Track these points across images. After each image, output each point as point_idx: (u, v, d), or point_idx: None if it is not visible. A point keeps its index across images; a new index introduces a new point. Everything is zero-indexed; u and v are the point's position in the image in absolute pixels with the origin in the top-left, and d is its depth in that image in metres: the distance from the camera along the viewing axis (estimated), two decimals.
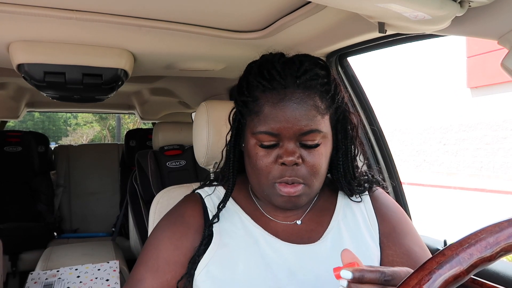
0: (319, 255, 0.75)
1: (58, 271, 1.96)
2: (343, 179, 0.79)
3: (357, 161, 0.83)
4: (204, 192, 0.86)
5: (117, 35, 1.12)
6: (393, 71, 11.60)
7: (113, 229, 2.92)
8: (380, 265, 0.76)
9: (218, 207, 0.80)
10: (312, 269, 0.73)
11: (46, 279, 1.89)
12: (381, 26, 0.78)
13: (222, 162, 0.89)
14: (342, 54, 1.32)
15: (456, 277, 0.40)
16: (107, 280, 1.90)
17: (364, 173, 0.86)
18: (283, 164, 0.69)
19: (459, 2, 0.68)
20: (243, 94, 0.73)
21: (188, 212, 0.81)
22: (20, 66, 1.17)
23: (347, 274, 0.52)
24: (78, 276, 1.92)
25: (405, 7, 0.64)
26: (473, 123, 9.79)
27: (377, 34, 1.03)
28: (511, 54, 0.72)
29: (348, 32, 1.08)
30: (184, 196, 0.88)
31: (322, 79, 0.71)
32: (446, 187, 9.27)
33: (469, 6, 0.69)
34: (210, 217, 0.79)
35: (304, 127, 0.68)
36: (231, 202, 0.83)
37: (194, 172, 2.21)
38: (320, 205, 0.82)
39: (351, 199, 0.83)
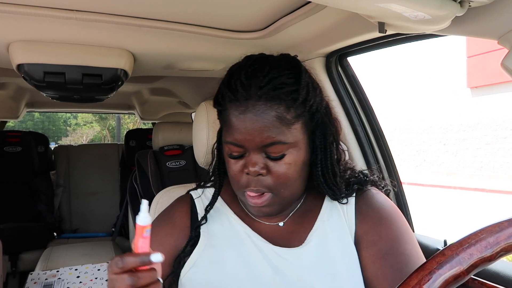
0: (302, 258, 0.74)
1: (58, 271, 1.96)
2: (324, 185, 0.77)
3: (354, 162, 0.82)
4: (196, 193, 0.87)
5: (117, 35, 1.12)
6: (393, 71, 11.60)
7: (113, 229, 2.92)
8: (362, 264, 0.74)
9: (205, 209, 0.81)
10: (295, 271, 0.73)
11: (46, 279, 1.89)
12: (381, 26, 0.78)
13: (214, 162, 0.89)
14: (342, 54, 1.32)
15: (456, 277, 0.40)
16: (107, 280, 1.89)
17: (357, 174, 0.84)
18: (248, 174, 0.70)
19: (459, 2, 0.68)
20: (218, 102, 0.74)
21: (176, 212, 0.84)
22: (20, 66, 1.16)
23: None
24: (78, 276, 1.92)
25: (405, 7, 0.64)
26: (473, 123, 9.79)
27: (377, 34, 1.03)
28: (511, 54, 0.72)
29: (348, 32, 1.08)
30: (178, 197, 0.90)
31: (289, 87, 0.68)
32: (446, 187, 9.27)
33: (469, 6, 0.69)
34: (199, 218, 0.81)
35: (266, 139, 0.67)
36: (220, 203, 0.84)
37: (194, 172, 2.21)
38: (305, 208, 0.81)
39: (340, 202, 0.80)
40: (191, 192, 0.89)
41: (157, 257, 0.56)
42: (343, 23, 1.03)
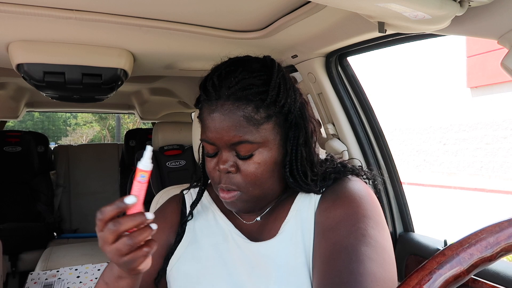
0: (277, 248, 0.75)
1: (58, 271, 1.96)
2: (294, 184, 0.76)
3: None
4: (186, 192, 0.91)
5: (117, 35, 1.12)
6: (393, 71, 11.60)
7: None
8: (312, 258, 0.71)
9: (191, 206, 0.85)
10: (272, 263, 0.74)
11: (46, 279, 1.89)
12: (381, 26, 0.78)
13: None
14: (342, 54, 1.32)
15: (456, 277, 0.40)
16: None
17: (335, 165, 0.81)
18: (219, 171, 0.73)
19: (459, 2, 0.68)
20: (196, 101, 0.77)
21: (168, 209, 0.88)
22: (19, 66, 1.16)
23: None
24: (78, 276, 1.92)
25: (405, 7, 0.64)
26: (473, 123, 9.79)
27: (377, 34, 1.03)
28: (511, 54, 0.72)
29: (348, 32, 1.08)
30: (172, 196, 0.94)
31: (258, 88, 0.69)
32: (446, 187, 9.27)
33: (469, 5, 0.69)
34: (187, 212, 0.85)
35: (233, 138, 0.69)
36: (207, 200, 0.88)
37: (194, 172, 2.21)
38: (281, 202, 0.81)
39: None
40: (184, 191, 0.92)
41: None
42: (343, 23, 1.03)
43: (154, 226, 0.62)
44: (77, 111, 6.85)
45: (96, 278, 1.91)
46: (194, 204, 0.85)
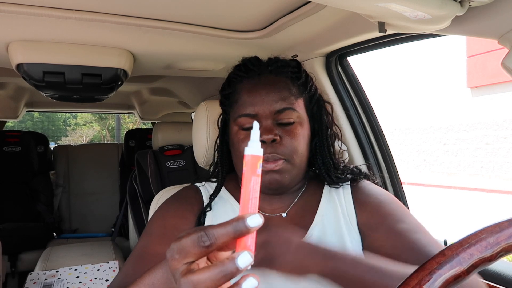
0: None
1: (57, 271, 1.96)
2: (322, 167, 0.83)
3: (354, 162, 0.85)
4: (200, 184, 0.92)
5: (117, 34, 1.12)
6: (393, 71, 11.60)
7: (113, 229, 2.92)
8: (368, 250, 0.76)
9: (210, 197, 0.85)
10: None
11: (46, 279, 1.89)
12: (381, 26, 0.78)
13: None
14: (342, 54, 1.32)
15: (456, 277, 0.40)
16: (107, 280, 1.89)
17: (349, 167, 0.88)
18: (262, 141, 0.73)
19: (459, 2, 0.67)
20: (224, 89, 0.85)
21: (189, 195, 0.87)
22: (19, 66, 1.16)
23: None
24: (78, 277, 1.92)
25: (405, 7, 0.64)
26: (473, 123, 9.79)
27: (377, 34, 1.03)
28: (511, 54, 0.72)
29: (348, 32, 1.08)
30: (183, 187, 0.93)
31: (292, 68, 0.81)
32: (446, 187, 9.27)
33: (470, 5, 0.69)
34: (204, 205, 0.85)
35: (279, 105, 0.76)
36: (224, 192, 0.88)
37: (194, 172, 2.21)
38: (306, 198, 0.84)
39: (334, 187, 0.85)
40: (196, 184, 0.92)
41: (255, 220, 0.39)
42: (343, 23, 1.03)
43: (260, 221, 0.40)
44: (77, 111, 6.85)
45: (95, 278, 1.91)
46: (213, 195, 0.84)
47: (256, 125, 0.44)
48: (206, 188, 0.90)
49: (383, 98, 11.26)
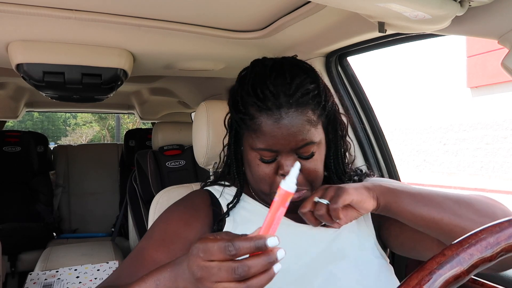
0: (324, 238, 0.80)
1: (57, 271, 1.96)
2: (334, 175, 0.85)
3: (354, 162, 0.86)
4: (214, 189, 0.90)
5: (117, 34, 1.12)
6: (393, 71, 11.60)
7: (113, 229, 2.92)
8: (389, 246, 0.83)
9: (227, 206, 0.84)
10: (319, 251, 0.79)
11: (45, 279, 1.88)
12: (381, 26, 0.78)
13: (221, 164, 0.93)
14: (342, 54, 1.32)
15: (456, 277, 0.40)
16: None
17: (354, 170, 0.93)
18: (282, 175, 0.74)
19: (459, 2, 0.67)
20: (239, 110, 0.77)
21: (197, 201, 0.87)
22: (19, 66, 1.16)
23: None
24: (78, 277, 1.92)
25: (405, 7, 0.64)
26: (473, 122, 9.79)
27: (377, 34, 1.03)
28: (511, 54, 0.72)
29: (348, 32, 1.08)
30: (193, 191, 0.93)
31: (313, 92, 0.75)
32: (446, 187, 9.27)
33: (469, 5, 0.69)
34: (221, 206, 0.85)
35: (300, 142, 0.73)
36: (242, 196, 0.89)
37: (193, 172, 2.21)
38: None
39: None
40: (207, 188, 0.92)
41: (273, 241, 0.48)
42: (343, 23, 1.03)
43: (276, 242, 0.49)
44: (76, 111, 6.85)
45: (95, 278, 1.91)
46: (231, 205, 0.84)
47: (297, 165, 0.54)
48: (219, 193, 0.89)
49: (383, 98, 11.25)
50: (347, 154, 0.89)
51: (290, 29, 1.07)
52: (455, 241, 0.42)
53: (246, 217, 0.84)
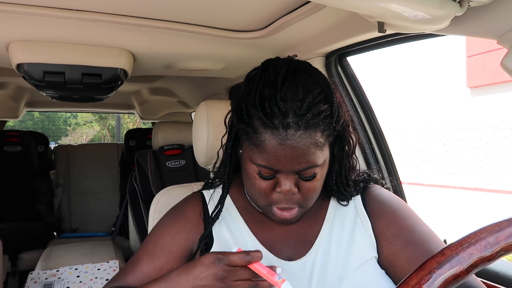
0: (307, 267, 0.77)
1: (58, 270, 1.96)
2: (336, 192, 0.81)
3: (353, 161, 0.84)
4: (207, 192, 0.90)
5: (117, 34, 1.12)
6: (393, 70, 11.59)
7: (113, 228, 2.92)
8: (384, 261, 0.77)
9: (212, 213, 0.82)
10: (300, 281, 0.76)
11: (46, 278, 1.89)
12: (381, 26, 0.78)
13: (218, 163, 0.91)
14: (341, 54, 1.32)
15: (456, 277, 0.40)
16: (107, 280, 1.90)
17: (361, 173, 0.88)
18: (279, 192, 0.72)
19: (459, 2, 0.68)
20: (243, 120, 0.72)
21: (188, 208, 0.86)
22: (19, 66, 1.16)
23: None
24: (78, 276, 1.92)
25: (405, 7, 0.64)
26: (472, 122, 9.79)
27: (376, 34, 1.03)
28: (510, 54, 0.72)
29: (348, 32, 1.08)
30: (189, 194, 0.92)
31: (325, 112, 0.69)
32: (445, 187, 9.27)
33: (469, 5, 0.69)
34: (209, 213, 0.84)
35: (303, 166, 0.69)
36: (230, 204, 0.86)
37: (194, 172, 2.21)
38: (313, 208, 0.83)
39: (341, 204, 0.84)
40: (203, 191, 0.91)
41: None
42: (343, 23, 1.03)
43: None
44: (77, 111, 6.85)
45: (96, 278, 1.91)
46: (216, 212, 0.82)
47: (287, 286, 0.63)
48: (212, 198, 0.87)
49: (382, 98, 11.25)
50: (355, 167, 0.85)
51: (290, 29, 1.07)
52: (455, 241, 0.43)
53: (225, 237, 0.82)
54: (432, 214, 6.51)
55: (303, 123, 0.67)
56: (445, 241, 1.13)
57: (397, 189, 1.34)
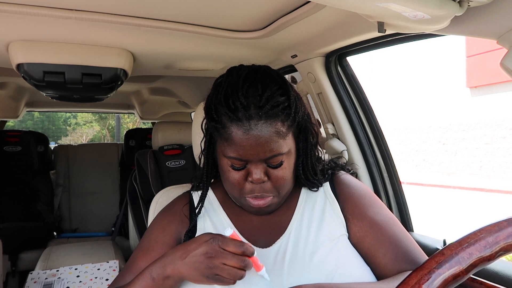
0: (280, 252, 0.82)
1: (57, 270, 1.96)
2: (305, 181, 0.88)
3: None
4: (196, 193, 0.97)
5: (117, 34, 1.12)
6: (392, 70, 11.59)
7: (113, 228, 2.92)
8: (353, 238, 0.83)
9: (195, 209, 0.90)
10: (276, 268, 0.80)
11: (46, 278, 1.89)
12: (381, 26, 0.78)
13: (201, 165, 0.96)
14: (341, 54, 1.32)
15: (455, 277, 0.40)
16: (107, 279, 1.90)
17: (328, 162, 0.96)
18: (251, 182, 0.79)
19: (458, 2, 0.68)
20: (212, 118, 0.79)
21: (177, 204, 0.94)
22: (19, 66, 1.16)
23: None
24: (78, 276, 1.92)
25: (405, 7, 0.64)
26: (472, 122, 9.79)
27: (376, 34, 1.03)
28: (510, 54, 0.72)
29: (347, 32, 1.08)
30: (177, 197, 0.99)
31: (283, 104, 0.77)
32: (445, 187, 9.27)
33: (468, 5, 0.69)
34: (195, 211, 0.90)
35: (268, 153, 0.76)
36: (213, 198, 0.94)
37: (193, 172, 2.21)
38: (287, 199, 0.89)
39: (311, 190, 0.91)
40: (191, 192, 0.97)
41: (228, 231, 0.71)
42: (343, 23, 1.03)
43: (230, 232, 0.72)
44: (77, 111, 6.85)
45: (96, 278, 1.91)
46: (197, 209, 0.90)
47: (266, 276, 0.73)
48: (197, 195, 0.94)
49: (382, 98, 11.25)
50: (321, 158, 0.92)
51: (289, 29, 1.08)
52: (454, 241, 0.43)
53: (209, 230, 0.87)
54: (432, 214, 6.52)
55: (263, 114, 0.75)
56: (444, 241, 1.14)
57: (397, 190, 1.34)
